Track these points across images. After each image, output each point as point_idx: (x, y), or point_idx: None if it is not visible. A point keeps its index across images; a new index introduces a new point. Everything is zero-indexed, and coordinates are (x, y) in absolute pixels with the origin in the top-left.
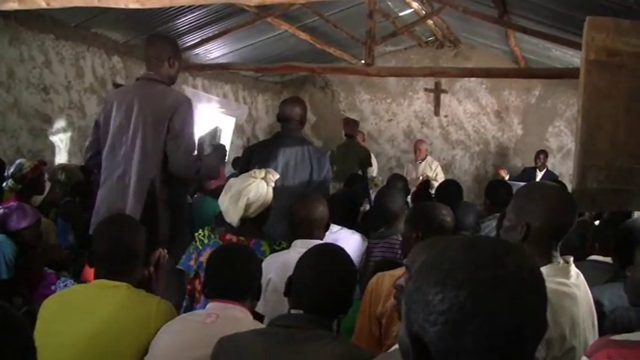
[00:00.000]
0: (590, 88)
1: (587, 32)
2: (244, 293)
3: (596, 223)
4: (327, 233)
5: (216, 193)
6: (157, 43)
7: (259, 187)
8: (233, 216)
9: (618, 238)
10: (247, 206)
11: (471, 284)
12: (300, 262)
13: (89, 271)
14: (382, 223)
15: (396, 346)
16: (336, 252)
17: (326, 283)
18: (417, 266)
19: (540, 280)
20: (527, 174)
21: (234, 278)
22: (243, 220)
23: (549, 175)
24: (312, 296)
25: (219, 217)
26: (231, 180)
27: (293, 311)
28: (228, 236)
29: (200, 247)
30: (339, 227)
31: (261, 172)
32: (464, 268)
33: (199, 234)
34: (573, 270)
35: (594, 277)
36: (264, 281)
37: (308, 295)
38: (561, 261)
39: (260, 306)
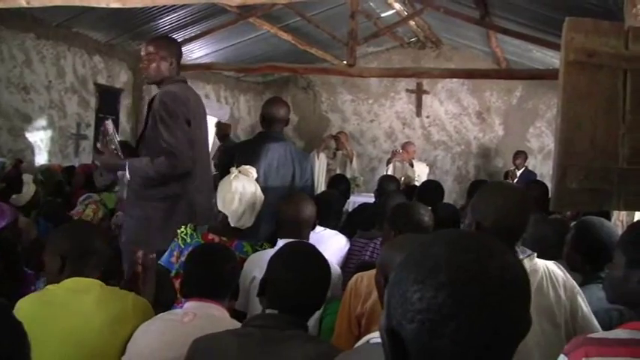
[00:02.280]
0: (570, 88)
1: (567, 33)
2: (222, 292)
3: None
4: (311, 233)
5: None
6: None
7: (258, 189)
8: (248, 220)
9: (580, 239)
10: (252, 214)
11: (450, 286)
12: (273, 262)
13: None
14: (376, 223)
15: (360, 343)
16: (308, 250)
17: (299, 282)
18: (401, 259)
19: (523, 285)
20: (505, 177)
21: (212, 277)
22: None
23: (528, 175)
24: (286, 296)
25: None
26: (237, 184)
27: (268, 311)
28: (210, 236)
29: (182, 246)
30: (323, 228)
31: (253, 171)
32: (445, 269)
33: (181, 232)
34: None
35: (572, 276)
36: (248, 279)
37: (282, 295)
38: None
39: (243, 304)
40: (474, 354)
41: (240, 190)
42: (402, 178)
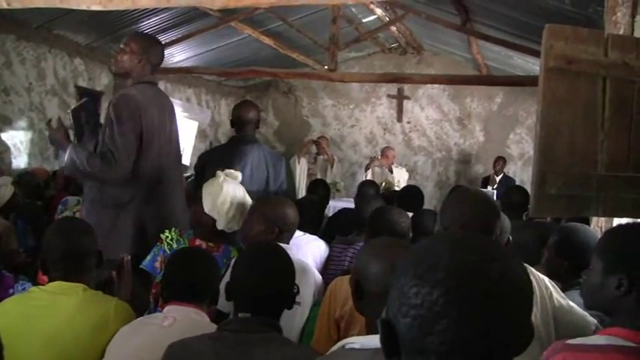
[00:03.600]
0: (549, 94)
1: (547, 40)
2: (202, 296)
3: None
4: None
5: None
6: None
7: (246, 193)
8: (237, 223)
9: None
10: (238, 216)
11: (446, 285)
12: (236, 266)
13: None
14: (355, 228)
15: (334, 348)
16: (268, 249)
17: (264, 281)
18: (383, 257)
19: (525, 294)
20: (484, 183)
21: (192, 281)
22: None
23: (506, 180)
24: (253, 297)
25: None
26: (228, 187)
27: (241, 315)
28: (197, 241)
29: (168, 251)
30: (302, 233)
31: (238, 174)
32: (444, 268)
33: (166, 236)
34: None
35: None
36: None
37: (250, 297)
38: None
39: (226, 305)
40: (460, 356)
41: (232, 194)
42: (383, 184)
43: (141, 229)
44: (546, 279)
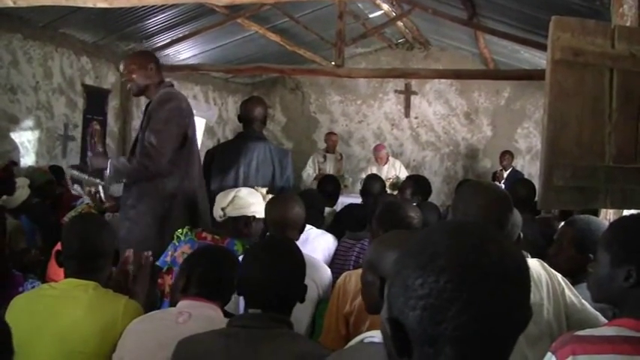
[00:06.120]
0: (556, 87)
1: (553, 32)
2: (221, 294)
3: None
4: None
5: None
6: None
7: (252, 192)
8: (217, 208)
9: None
10: (232, 199)
11: (452, 270)
12: (246, 261)
13: (54, 271)
14: (363, 223)
15: (353, 342)
16: (278, 244)
17: (274, 277)
18: (400, 250)
19: (524, 271)
20: (493, 179)
21: (216, 279)
22: (226, 219)
23: (515, 175)
24: (264, 293)
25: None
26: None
27: (251, 310)
28: (204, 234)
29: (176, 243)
30: (309, 226)
31: (263, 190)
32: (446, 254)
33: (179, 232)
34: None
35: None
36: None
37: (260, 293)
38: None
39: (232, 305)
40: (473, 340)
41: (240, 194)
42: (390, 179)
43: (193, 216)
44: (559, 275)
